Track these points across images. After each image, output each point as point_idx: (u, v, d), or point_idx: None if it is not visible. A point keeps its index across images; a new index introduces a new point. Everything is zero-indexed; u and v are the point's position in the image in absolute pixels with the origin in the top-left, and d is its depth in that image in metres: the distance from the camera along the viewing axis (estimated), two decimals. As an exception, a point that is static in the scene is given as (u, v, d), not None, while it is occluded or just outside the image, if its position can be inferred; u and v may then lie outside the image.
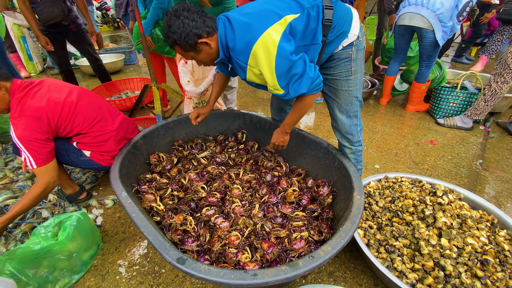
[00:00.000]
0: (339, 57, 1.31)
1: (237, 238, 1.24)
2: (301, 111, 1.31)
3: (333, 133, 2.69)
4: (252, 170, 1.77)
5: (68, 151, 1.61)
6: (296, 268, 0.94)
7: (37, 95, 1.42)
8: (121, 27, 8.71)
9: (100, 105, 1.66)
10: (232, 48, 1.13)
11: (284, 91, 1.17)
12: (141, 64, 5.10)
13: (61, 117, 1.46)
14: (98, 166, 1.68)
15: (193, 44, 1.14)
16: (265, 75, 1.12)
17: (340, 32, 1.23)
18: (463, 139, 2.56)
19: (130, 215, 1.17)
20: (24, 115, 1.35)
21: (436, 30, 2.41)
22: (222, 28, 1.14)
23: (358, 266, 1.43)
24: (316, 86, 1.19)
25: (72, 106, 1.50)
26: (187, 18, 1.08)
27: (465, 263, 1.15)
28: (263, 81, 1.19)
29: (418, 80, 2.86)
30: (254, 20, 1.09)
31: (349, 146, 1.51)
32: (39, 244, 1.23)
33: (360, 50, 1.31)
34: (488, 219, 1.35)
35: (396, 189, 1.52)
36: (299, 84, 1.15)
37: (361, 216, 1.14)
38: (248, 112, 2.02)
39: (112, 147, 1.64)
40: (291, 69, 1.10)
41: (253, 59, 1.11)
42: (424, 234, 1.24)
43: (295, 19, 1.11)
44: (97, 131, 1.59)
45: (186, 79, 1.95)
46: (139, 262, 1.48)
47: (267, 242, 1.20)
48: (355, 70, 1.33)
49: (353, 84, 1.36)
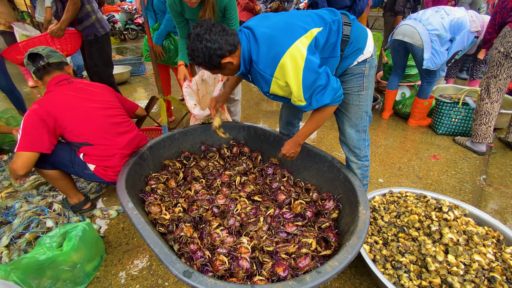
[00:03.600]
0: (352, 72, 1.35)
1: (247, 252, 1.23)
2: (318, 123, 1.34)
3: (336, 147, 2.71)
4: (256, 182, 1.78)
5: (73, 163, 1.61)
6: (303, 284, 0.93)
7: (60, 93, 1.53)
8: (127, 39, 8.92)
9: (116, 121, 1.68)
10: (256, 61, 1.17)
11: (306, 103, 1.21)
12: (148, 76, 5.20)
13: (71, 119, 1.51)
14: (101, 180, 1.67)
15: (217, 64, 1.18)
16: (291, 87, 1.15)
17: (356, 48, 1.28)
18: (465, 154, 2.57)
19: (136, 226, 1.17)
20: (39, 105, 1.45)
21: (425, 49, 2.43)
22: (245, 42, 1.18)
23: (363, 282, 1.41)
24: (338, 97, 1.23)
25: (88, 113, 1.56)
26: (209, 42, 1.11)
27: (472, 280, 1.14)
28: (287, 92, 1.22)
29: (420, 96, 2.90)
30: (281, 33, 1.13)
31: (356, 161, 1.53)
32: (44, 254, 1.23)
33: (372, 67, 1.36)
34: (494, 236, 1.35)
35: (401, 204, 1.52)
36: (322, 95, 1.19)
37: (367, 231, 1.14)
38: (253, 124, 2.05)
39: (116, 163, 1.64)
40: (316, 81, 1.14)
41: (280, 72, 1.14)
42: (431, 250, 1.23)
43: (319, 32, 1.16)
44: (105, 145, 1.61)
45: (193, 102, 1.98)
46: (142, 274, 1.47)
47: (281, 265, 1.18)
48: (366, 86, 1.37)
49: (364, 100, 1.39)
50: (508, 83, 2.29)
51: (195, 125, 2.05)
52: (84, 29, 2.53)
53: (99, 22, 2.57)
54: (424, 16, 2.48)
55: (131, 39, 8.94)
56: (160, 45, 2.60)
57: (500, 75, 2.25)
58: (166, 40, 2.62)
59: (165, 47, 2.63)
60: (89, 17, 2.49)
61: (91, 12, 2.50)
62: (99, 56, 2.70)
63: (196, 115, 1.95)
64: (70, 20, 2.35)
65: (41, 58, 1.58)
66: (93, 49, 2.63)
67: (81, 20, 2.47)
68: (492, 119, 2.41)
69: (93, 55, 2.66)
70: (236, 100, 2.57)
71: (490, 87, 2.34)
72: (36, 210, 1.76)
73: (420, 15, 2.52)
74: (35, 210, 1.75)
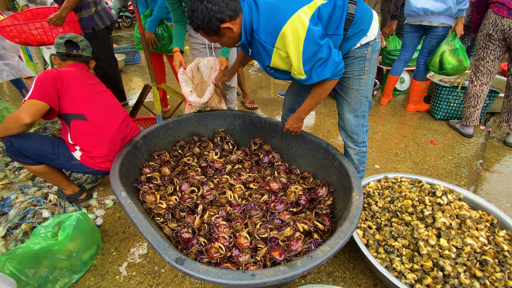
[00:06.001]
0: (354, 55, 1.31)
1: (246, 242, 1.24)
2: (319, 97, 1.31)
3: (333, 133, 2.69)
4: (252, 170, 1.78)
5: (58, 155, 1.58)
6: (295, 268, 0.94)
7: (72, 69, 1.62)
8: (121, 27, 8.73)
9: (113, 104, 1.76)
10: (257, 30, 1.12)
11: (306, 76, 1.17)
12: (143, 64, 5.12)
13: (75, 88, 1.56)
14: (90, 170, 1.64)
15: (216, 29, 1.13)
16: (291, 58, 1.11)
17: (360, 29, 1.24)
18: (463, 139, 2.55)
19: (130, 215, 1.17)
20: (52, 69, 1.53)
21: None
22: (247, 10, 1.13)
23: (357, 266, 1.43)
24: (339, 71, 1.20)
25: (92, 91, 1.64)
26: (210, 3, 1.07)
27: (464, 263, 1.15)
28: (288, 64, 1.18)
29: (416, 78, 2.86)
30: (283, 2, 1.08)
31: (353, 147, 1.52)
32: (39, 244, 1.24)
33: (375, 51, 1.32)
34: (487, 219, 1.35)
35: (396, 189, 1.52)
36: (323, 69, 1.15)
37: (360, 216, 1.14)
38: (248, 112, 2.02)
39: (104, 151, 1.62)
40: (317, 53, 1.10)
41: (281, 41, 1.10)
42: (423, 235, 1.24)
43: (323, 4, 1.11)
44: (99, 124, 1.60)
45: (188, 89, 1.94)
46: (139, 262, 1.49)
47: (277, 250, 1.19)
48: (368, 70, 1.34)
49: (365, 84, 1.36)
50: (497, 65, 2.27)
51: (190, 114, 2.02)
52: (81, 21, 2.43)
53: (99, 15, 2.47)
54: None
55: (126, 27, 8.75)
56: (153, 32, 2.53)
57: (487, 57, 2.25)
58: (159, 27, 2.56)
59: (158, 35, 2.57)
60: (88, 8, 2.38)
61: (91, 3, 2.39)
62: (100, 50, 2.62)
63: (192, 102, 1.91)
64: (71, 8, 2.25)
65: (77, 48, 1.68)
66: (93, 44, 2.49)
67: (78, 9, 2.37)
68: (481, 101, 2.41)
69: (93, 49, 2.58)
70: (232, 87, 2.53)
71: (478, 70, 2.33)
72: (32, 201, 1.76)
73: None
74: (31, 201, 1.76)
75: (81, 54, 1.70)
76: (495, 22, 2.09)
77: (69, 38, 1.66)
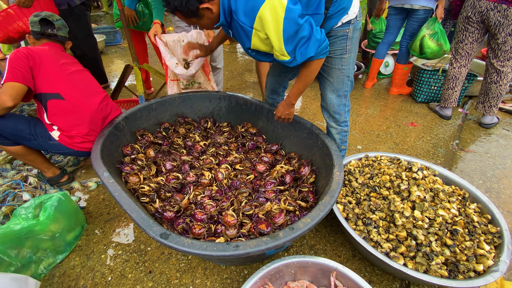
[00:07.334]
0: (336, 34, 1.31)
1: (233, 219, 1.26)
2: (307, 79, 1.29)
3: (318, 116, 2.72)
4: (238, 151, 1.79)
5: (35, 135, 1.52)
6: (277, 239, 0.97)
7: (46, 48, 1.55)
8: (100, 6, 8.25)
9: (91, 83, 1.71)
10: (235, 11, 1.10)
11: (290, 57, 1.15)
12: (125, 46, 4.91)
13: (48, 67, 1.49)
14: (70, 150, 1.60)
15: (194, 10, 1.10)
16: (272, 39, 1.09)
17: (341, 7, 1.23)
18: (442, 121, 2.65)
19: (113, 194, 1.17)
20: (23, 48, 1.47)
21: None
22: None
23: (337, 239, 1.49)
24: (324, 49, 1.17)
25: (66, 70, 1.57)
26: None
27: (435, 232, 1.23)
28: (269, 46, 1.15)
29: (399, 61, 2.91)
30: None
31: (335, 126, 1.55)
32: (19, 225, 1.22)
33: (356, 29, 1.32)
34: (459, 194, 1.43)
35: (375, 167, 1.57)
36: (306, 48, 1.13)
37: (339, 190, 1.18)
38: (234, 93, 2.01)
39: (83, 130, 1.57)
40: (298, 32, 1.08)
41: (259, 22, 1.07)
42: (399, 207, 1.31)
43: None
44: (77, 102, 1.55)
45: (174, 61, 1.86)
46: (125, 241, 1.50)
47: (263, 223, 1.22)
48: (349, 49, 1.34)
49: (346, 63, 1.37)
50: (475, 47, 2.34)
51: (174, 95, 1.99)
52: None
53: None
54: None
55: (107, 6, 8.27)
56: (133, 9, 2.41)
57: (466, 40, 2.31)
58: (139, 3, 2.44)
59: (138, 12, 2.45)
60: None
61: None
62: (77, 28, 2.46)
63: (179, 75, 1.84)
64: None
65: (52, 27, 1.63)
66: (69, 22, 2.22)
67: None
68: (459, 84, 2.49)
69: (70, 28, 2.43)
70: (218, 68, 2.49)
71: (457, 52, 2.40)
72: (11, 184, 1.71)
73: None
74: (10, 183, 1.71)
75: (56, 34, 1.63)
76: (473, 4, 2.13)
77: (44, 16, 1.59)
